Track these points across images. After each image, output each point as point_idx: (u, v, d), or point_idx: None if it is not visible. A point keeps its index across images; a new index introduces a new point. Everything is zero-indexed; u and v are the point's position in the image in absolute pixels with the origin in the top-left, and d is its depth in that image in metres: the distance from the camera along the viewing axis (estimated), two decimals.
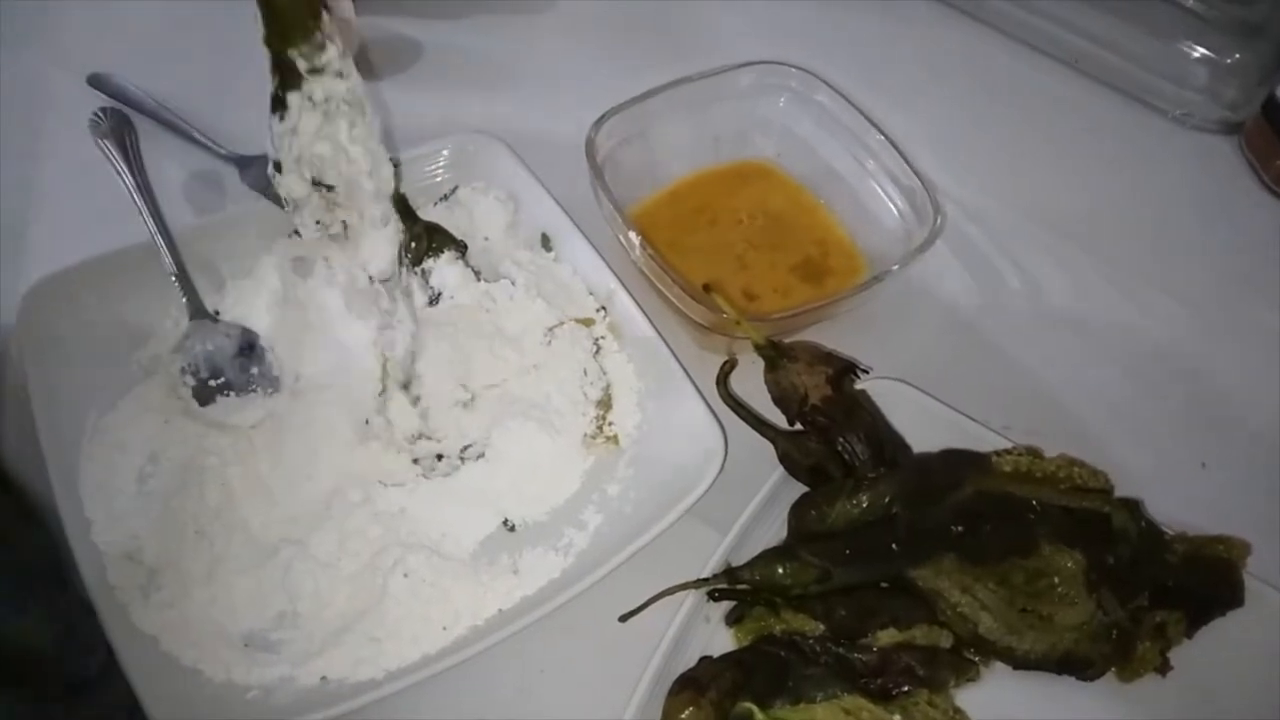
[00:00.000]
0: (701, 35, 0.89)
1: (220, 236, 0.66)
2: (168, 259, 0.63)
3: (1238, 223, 0.81)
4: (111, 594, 0.52)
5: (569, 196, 0.69)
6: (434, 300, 0.64)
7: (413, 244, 0.64)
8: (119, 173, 0.68)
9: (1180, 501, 0.60)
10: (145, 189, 0.67)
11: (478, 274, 0.66)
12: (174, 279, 0.63)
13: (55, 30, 0.82)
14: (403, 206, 0.61)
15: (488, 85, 0.84)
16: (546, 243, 0.69)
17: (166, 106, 0.75)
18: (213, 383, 0.61)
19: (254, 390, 0.62)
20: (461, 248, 0.66)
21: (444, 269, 0.65)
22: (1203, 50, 0.85)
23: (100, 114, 0.72)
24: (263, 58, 0.75)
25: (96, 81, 0.77)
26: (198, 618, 0.52)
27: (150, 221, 0.64)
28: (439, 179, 0.71)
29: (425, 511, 0.57)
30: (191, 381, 0.61)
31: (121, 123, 0.72)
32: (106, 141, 0.70)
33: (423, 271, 0.65)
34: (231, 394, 0.61)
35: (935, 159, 0.75)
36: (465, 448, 0.60)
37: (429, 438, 0.60)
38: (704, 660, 0.52)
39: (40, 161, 0.74)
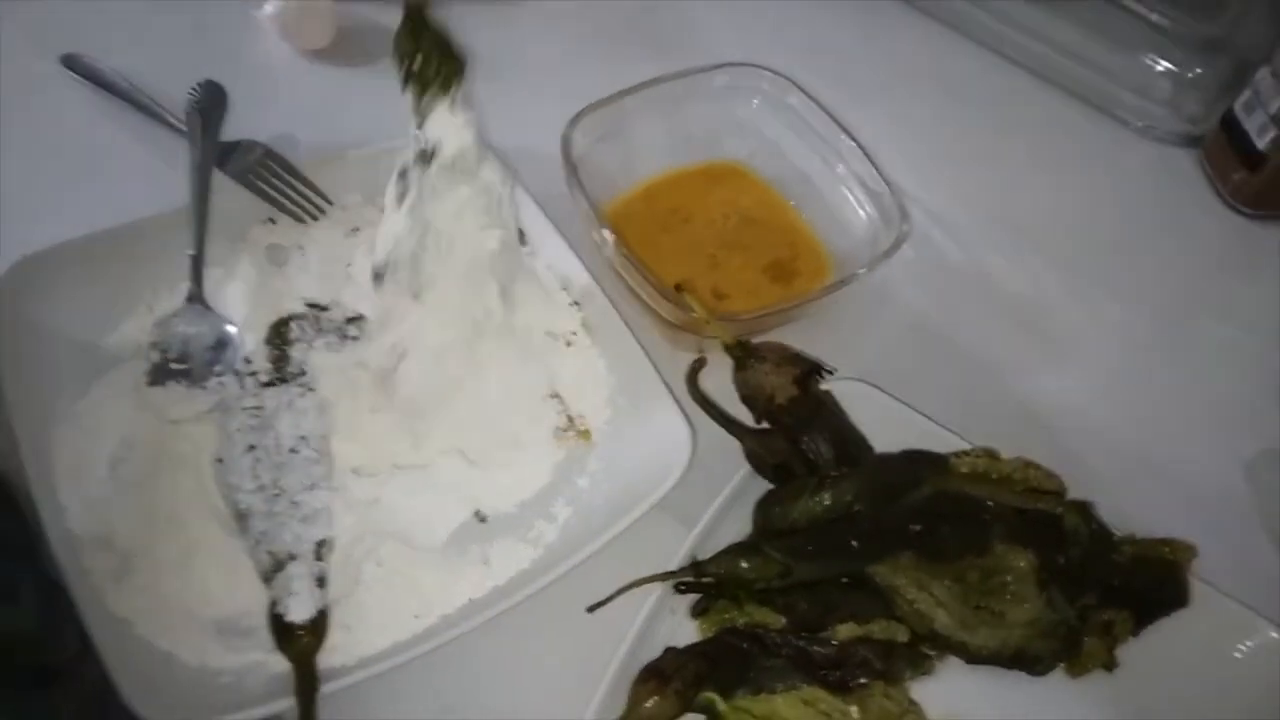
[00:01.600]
0: (677, 35, 0.89)
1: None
2: (196, 238, 0.63)
3: (1194, 234, 0.84)
4: (86, 578, 0.52)
5: (545, 193, 0.70)
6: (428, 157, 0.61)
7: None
8: (190, 141, 0.69)
9: (1130, 504, 0.61)
10: (204, 166, 0.68)
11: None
12: (190, 258, 0.63)
13: (29, 9, 0.81)
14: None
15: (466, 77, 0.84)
16: (522, 238, 0.69)
17: (142, 90, 0.75)
18: (174, 366, 0.61)
19: (205, 387, 0.61)
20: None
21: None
22: (1166, 64, 0.88)
23: (197, 87, 0.74)
24: (246, 47, 0.76)
25: (70, 62, 0.77)
26: (171, 603, 0.53)
27: (195, 201, 0.65)
28: None
29: (398, 502, 0.58)
30: (155, 358, 0.61)
31: (214, 96, 0.74)
32: (193, 111, 0.71)
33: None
34: (184, 383, 0.61)
35: (903, 164, 0.76)
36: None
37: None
38: (669, 651, 0.53)
39: (11, 143, 0.73)
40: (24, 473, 0.54)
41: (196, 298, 0.63)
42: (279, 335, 0.62)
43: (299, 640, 0.51)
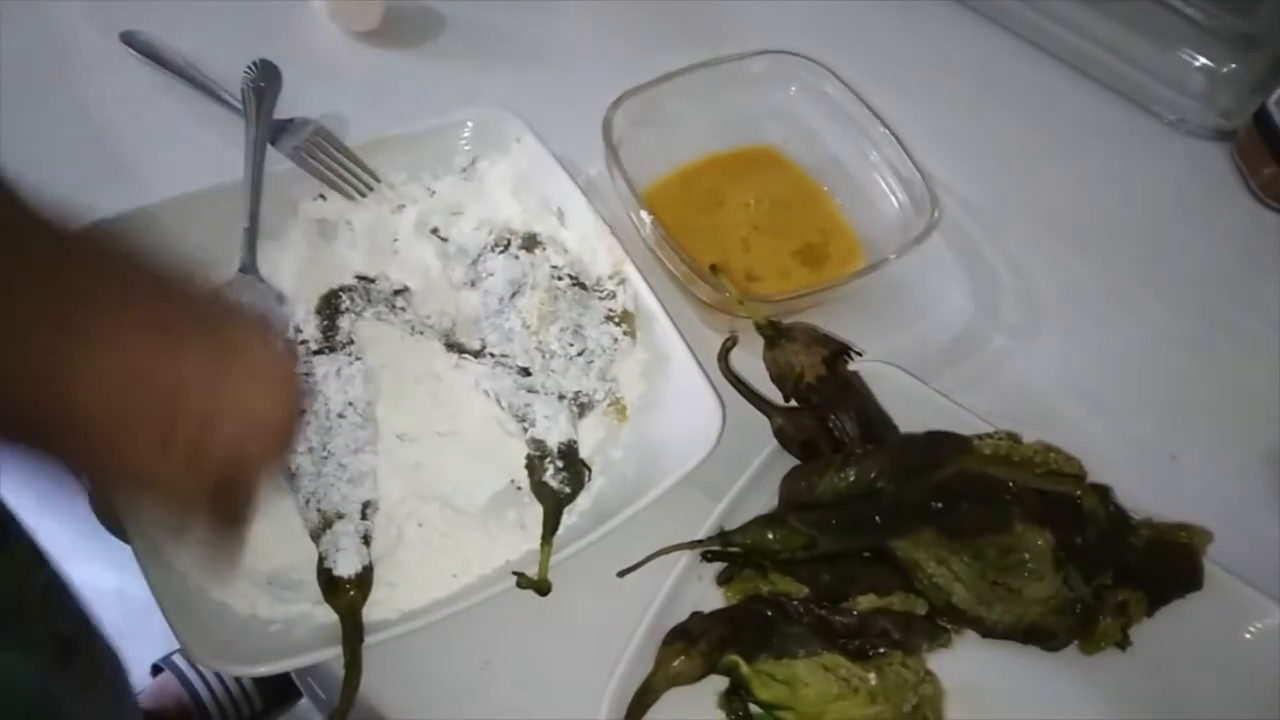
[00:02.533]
0: (716, 22, 0.91)
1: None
2: (249, 210, 0.66)
3: (1223, 228, 0.85)
4: (146, 531, 0.55)
5: (583, 174, 0.72)
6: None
7: None
8: (245, 118, 0.72)
9: (1150, 491, 0.63)
10: (259, 142, 0.71)
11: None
12: (245, 230, 0.66)
13: None
14: None
15: (508, 61, 0.86)
16: (561, 218, 0.72)
17: (198, 68, 0.78)
18: None
19: None
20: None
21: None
22: (1200, 58, 0.88)
23: (253, 66, 0.76)
24: (297, 29, 0.78)
25: (130, 39, 0.79)
26: None
27: (250, 174, 0.67)
28: (460, 150, 0.74)
29: (439, 467, 0.60)
30: None
31: (269, 75, 0.77)
32: (249, 89, 0.74)
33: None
34: None
35: (936, 153, 0.77)
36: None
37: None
38: (695, 615, 0.56)
39: (73, 117, 0.76)
40: None
41: (249, 268, 0.66)
42: (329, 305, 0.65)
43: (346, 593, 0.54)
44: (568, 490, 0.59)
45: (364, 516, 0.57)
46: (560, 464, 0.60)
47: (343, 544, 0.55)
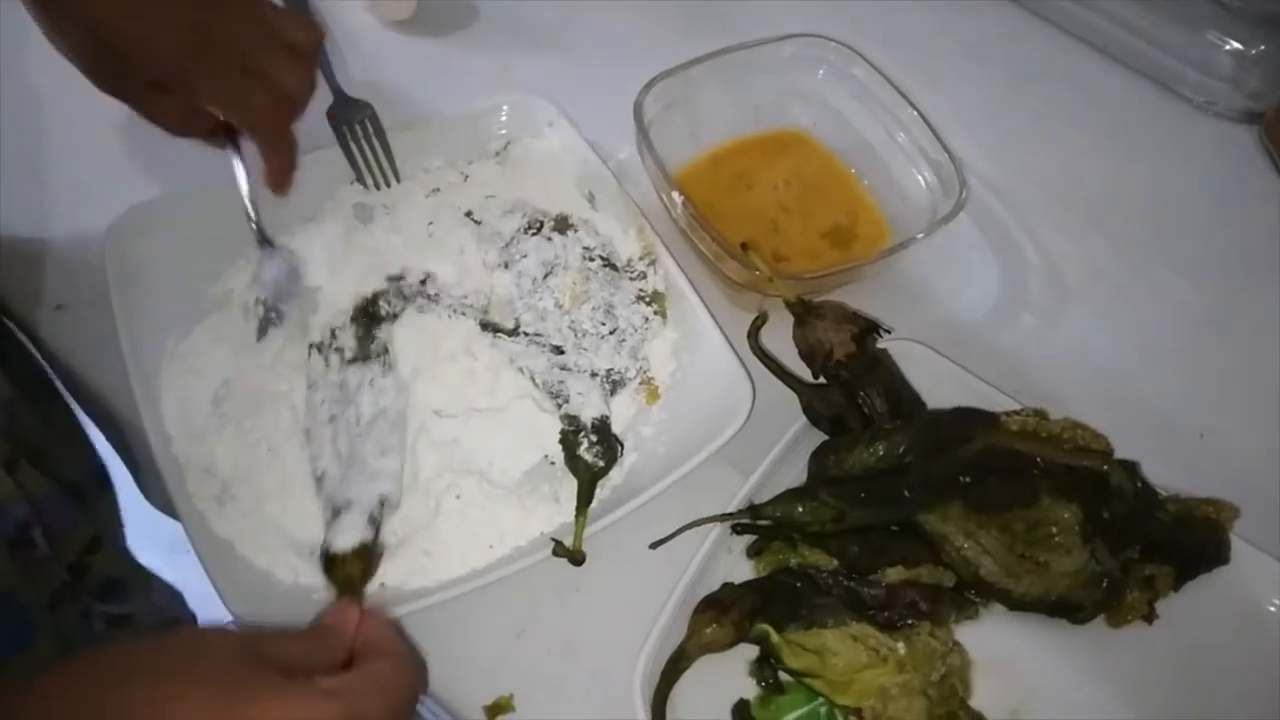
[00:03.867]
0: (745, 7, 0.92)
1: None
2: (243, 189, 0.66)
3: (1251, 210, 0.85)
4: (191, 501, 0.57)
5: (613, 158, 0.73)
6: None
7: None
8: None
9: (1177, 468, 0.63)
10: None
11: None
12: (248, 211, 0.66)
13: None
14: None
15: (540, 48, 0.88)
16: (592, 201, 0.73)
17: None
18: (272, 315, 0.65)
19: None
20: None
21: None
22: (1229, 40, 0.88)
23: None
24: (334, 17, 0.80)
25: None
26: (269, 527, 0.58)
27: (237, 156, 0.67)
28: (495, 135, 0.75)
29: (476, 442, 0.62)
30: (261, 313, 0.65)
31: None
32: None
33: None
34: (280, 325, 0.65)
35: (965, 135, 0.78)
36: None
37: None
38: (726, 585, 0.57)
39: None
40: (135, 405, 0.59)
41: (263, 240, 0.67)
42: (365, 314, 0.65)
43: (342, 567, 0.54)
44: (601, 464, 0.61)
45: (380, 505, 0.58)
46: (594, 439, 0.61)
47: (345, 525, 0.56)
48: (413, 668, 0.45)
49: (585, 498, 0.59)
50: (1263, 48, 0.87)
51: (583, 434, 0.61)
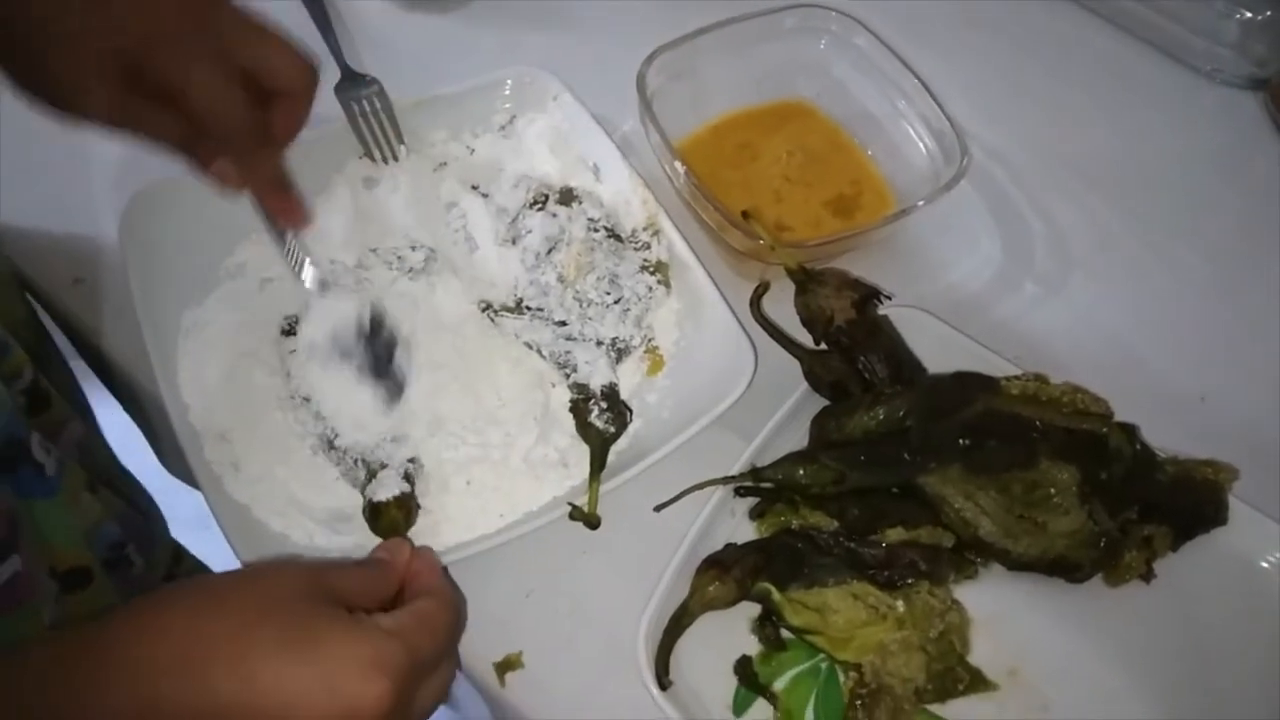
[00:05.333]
0: None
1: (293, 154, 0.71)
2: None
3: (1255, 177, 0.85)
4: (208, 467, 0.59)
5: (618, 131, 0.74)
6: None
7: None
8: None
9: (1178, 432, 0.64)
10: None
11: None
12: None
13: None
14: None
15: (544, 23, 0.88)
16: (597, 173, 0.74)
17: None
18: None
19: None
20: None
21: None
22: (1236, 7, 0.87)
23: None
24: None
25: None
26: (283, 493, 0.59)
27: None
28: (501, 109, 0.76)
29: (485, 415, 0.63)
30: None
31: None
32: None
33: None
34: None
35: (967, 104, 0.78)
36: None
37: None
38: (729, 546, 0.58)
39: None
40: (152, 375, 0.61)
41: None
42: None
43: (388, 512, 0.57)
44: (612, 430, 0.62)
45: (411, 464, 0.60)
46: (604, 405, 0.62)
47: (383, 480, 0.58)
48: (456, 606, 0.48)
49: (599, 463, 0.61)
50: (1269, 14, 0.87)
51: (593, 401, 0.63)
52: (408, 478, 0.59)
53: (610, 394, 0.63)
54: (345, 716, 0.39)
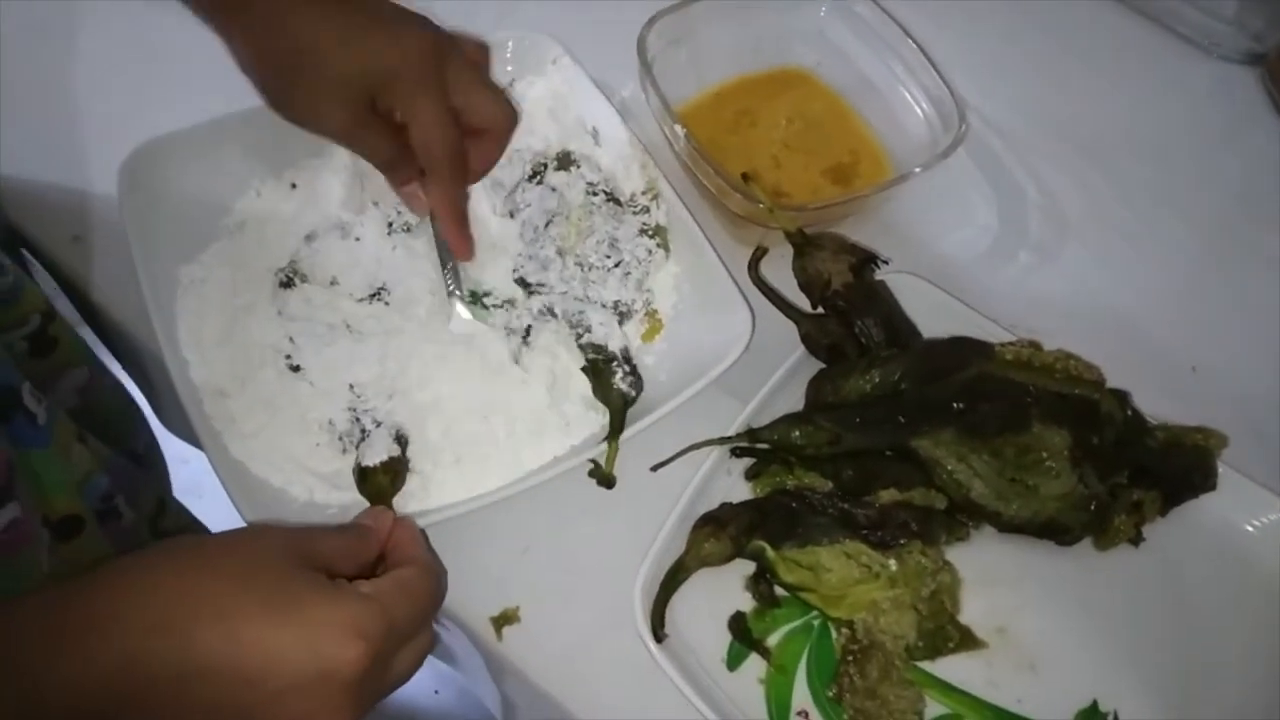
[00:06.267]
0: None
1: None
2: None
3: (1251, 151, 0.85)
4: (209, 423, 0.59)
5: (617, 95, 0.74)
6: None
7: None
8: None
9: (1169, 400, 0.65)
10: None
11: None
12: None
13: None
14: None
15: None
16: (596, 136, 0.74)
17: None
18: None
19: None
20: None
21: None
22: None
23: None
24: None
25: None
26: (282, 449, 0.60)
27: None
28: (500, 72, 0.76)
29: (489, 385, 0.63)
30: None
31: None
32: None
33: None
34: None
35: (965, 74, 0.78)
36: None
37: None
38: (725, 505, 0.59)
39: (138, 38, 0.79)
40: (151, 332, 0.61)
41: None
42: None
43: (375, 477, 0.58)
44: (633, 393, 0.62)
45: (404, 426, 0.61)
46: (627, 368, 0.63)
47: (374, 442, 0.59)
48: (437, 576, 0.48)
49: (618, 425, 0.61)
50: None
51: (615, 364, 0.63)
52: (399, 439, 0.60)
53: (629, 356, 0.64)
54: (323, 676, 0.40)
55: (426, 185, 0.64)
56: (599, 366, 0.63)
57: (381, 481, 0.58)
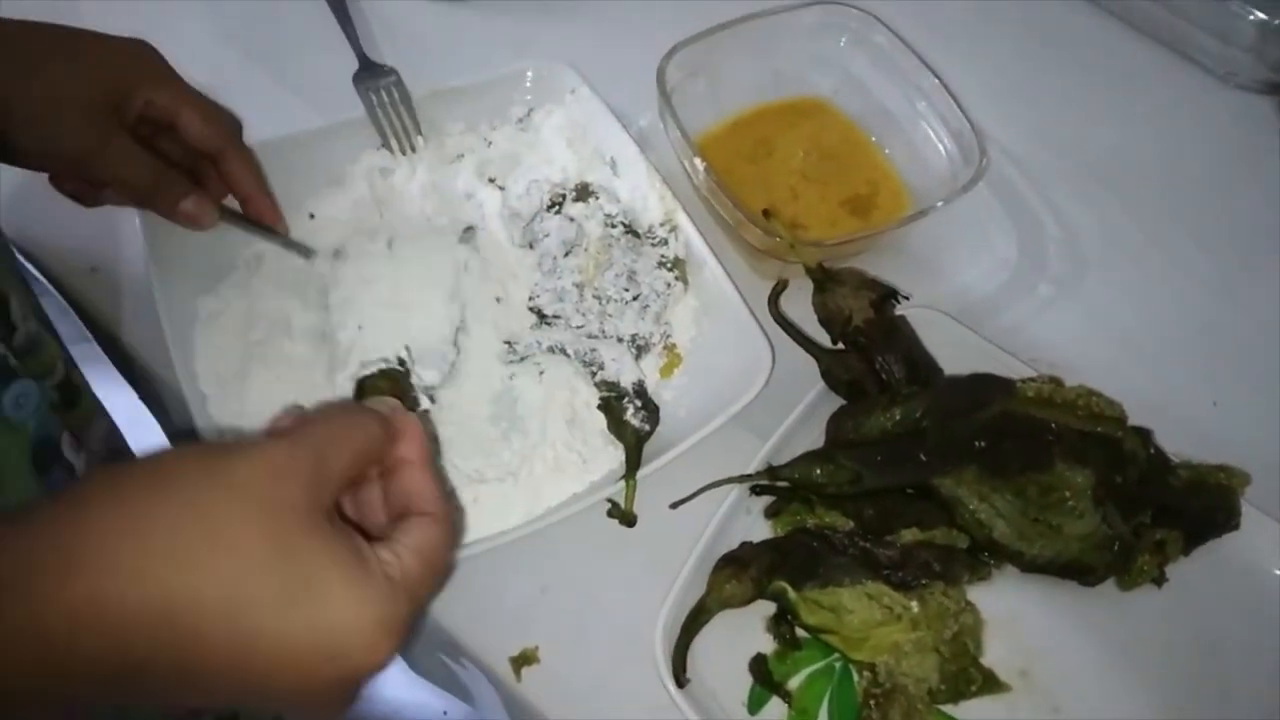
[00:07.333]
0: None
1: (310, 146, 0.71)
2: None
3: (1271, 181, 0.85)
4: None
5: (635, 125, 0.74)
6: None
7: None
8: None
9: (1191, 436, 0.64)
10: None
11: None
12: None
13: None
14: None
15: (563, 16, 0.88)
16: (614, 167, 0.74)
17: None
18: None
19: None
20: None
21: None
22: (1251, 10, 0.87)
23: None
24: None
25: None
26: None
27: None
28: (519, 101, 0.76)
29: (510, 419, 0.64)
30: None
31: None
32: None
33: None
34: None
35: (984, 104, 0.78)
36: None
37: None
38: (745, 544, 0.58)
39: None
40: (169, 363, 0.61)
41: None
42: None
43: (376, 388, 0.57)
44: (647, 428, 0.62)
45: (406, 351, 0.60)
46: (639, 403, 0.62)
47: (370, 365, 0.58)
48: (457, 528, 0.45)
49: (634, 462, 0.61)
50: None
51: (627, 400, 0.63)
52: (401, 362, 0.60)
53: (642, 391, 0.64)
54: (342, 680, 0.37)
55: (225, 166, 0.62)
56: (612, 403, 0.63)
57: (382, 387, 0.56)
